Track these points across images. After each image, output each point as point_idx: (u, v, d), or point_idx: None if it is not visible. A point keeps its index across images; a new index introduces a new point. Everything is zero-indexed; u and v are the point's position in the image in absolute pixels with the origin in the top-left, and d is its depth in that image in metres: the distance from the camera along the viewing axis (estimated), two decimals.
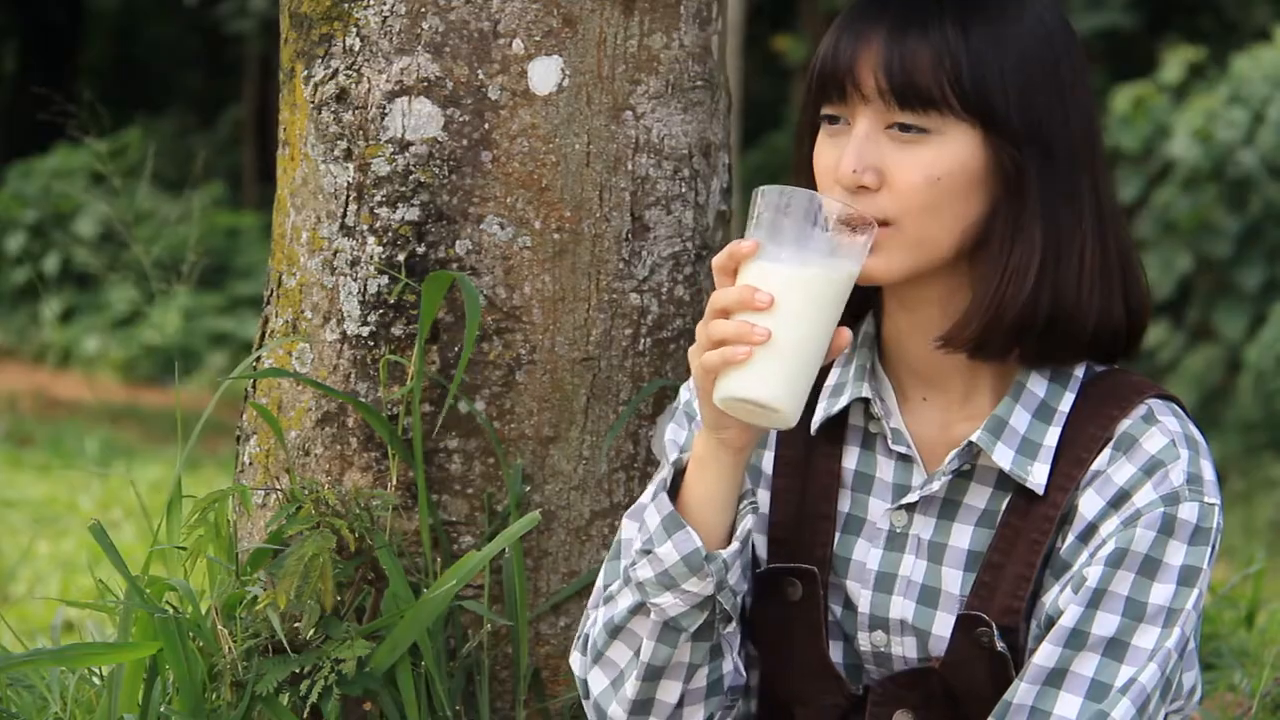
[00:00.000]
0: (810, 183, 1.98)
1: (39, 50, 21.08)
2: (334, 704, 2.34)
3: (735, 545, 1.95)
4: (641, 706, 2.01)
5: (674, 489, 1.98)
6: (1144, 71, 13.01)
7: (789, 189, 1.89)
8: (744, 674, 2.05)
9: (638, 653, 1.99)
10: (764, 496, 2.08)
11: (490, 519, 2.47)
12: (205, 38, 22.34)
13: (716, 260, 1.89)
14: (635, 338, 2.52)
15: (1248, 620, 3.73)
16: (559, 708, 2.51)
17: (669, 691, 2.00)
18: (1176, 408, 1.98)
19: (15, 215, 16.23)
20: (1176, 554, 1.90)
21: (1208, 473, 1.94)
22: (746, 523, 1.96)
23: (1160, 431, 1.94)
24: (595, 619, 2.02)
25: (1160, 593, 1.90)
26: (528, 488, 2.48)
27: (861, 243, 1.89)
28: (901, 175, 1.91)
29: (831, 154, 1.95)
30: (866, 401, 2.04)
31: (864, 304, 2.04)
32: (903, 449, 2.00)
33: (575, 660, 2.05)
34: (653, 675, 1.99)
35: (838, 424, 2.06)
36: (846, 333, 1.90)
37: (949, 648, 1.96)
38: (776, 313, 1.87)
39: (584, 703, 2.06)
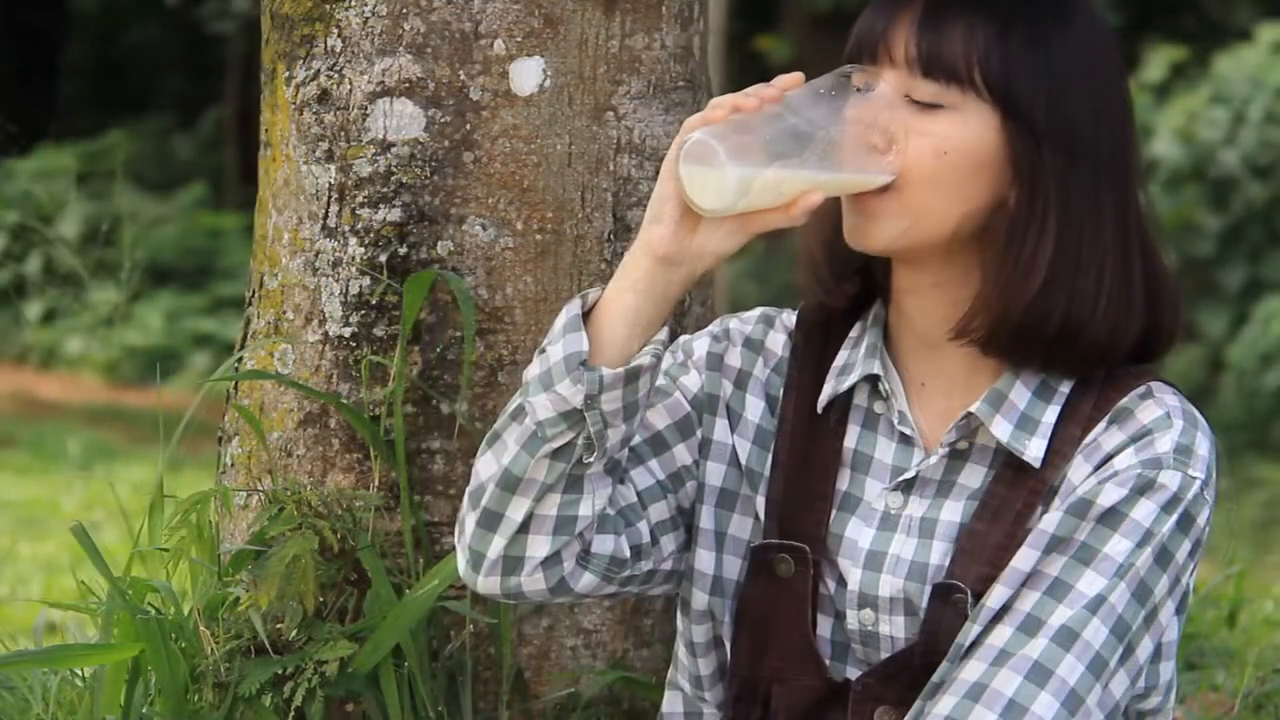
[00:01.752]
0: None
1: (21, 53, 21.04)
2: (317, 705, 2.34)
3: (620, 371, 1.90)
4: (489, 519, 1.96)
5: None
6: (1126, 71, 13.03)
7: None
8: (627, 552, 2.01)
9: (500, 459, 1.95)
10: (767, 467, 2.07)
11: None
12: (187, 38, 22.31)
13: (758, 86, 1.88)
14: None
15: (1230, 619, 3.73)
16: (542, 708, 2.51)
17: (517, 509, 1.95)
18: (1177, 391, 1.97)
19: None
20: (1143, 513, 1.87)
21: (1201, 448, 1.91)
22: (643, 360, 1.91)
23: (1156, 405, 1.93)
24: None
25: (1117, 545, 1.87)
26: None
27: (887, 162, 1.90)
28: (911, 142, 1.91)
29: None
30: (874, 381, 2.04)
31: (873, 291, 2.05)
32: (907, 430, 2.00)
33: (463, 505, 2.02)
34: (508, 485, 1.94)
35: (841, 404, 2.06)
36: (818, 198, 1.87)
37: (926, 617, 1.94)
38: (779, 106, 1.86)
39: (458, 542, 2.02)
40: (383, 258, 2.47)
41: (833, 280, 2.06)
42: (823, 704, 2.01)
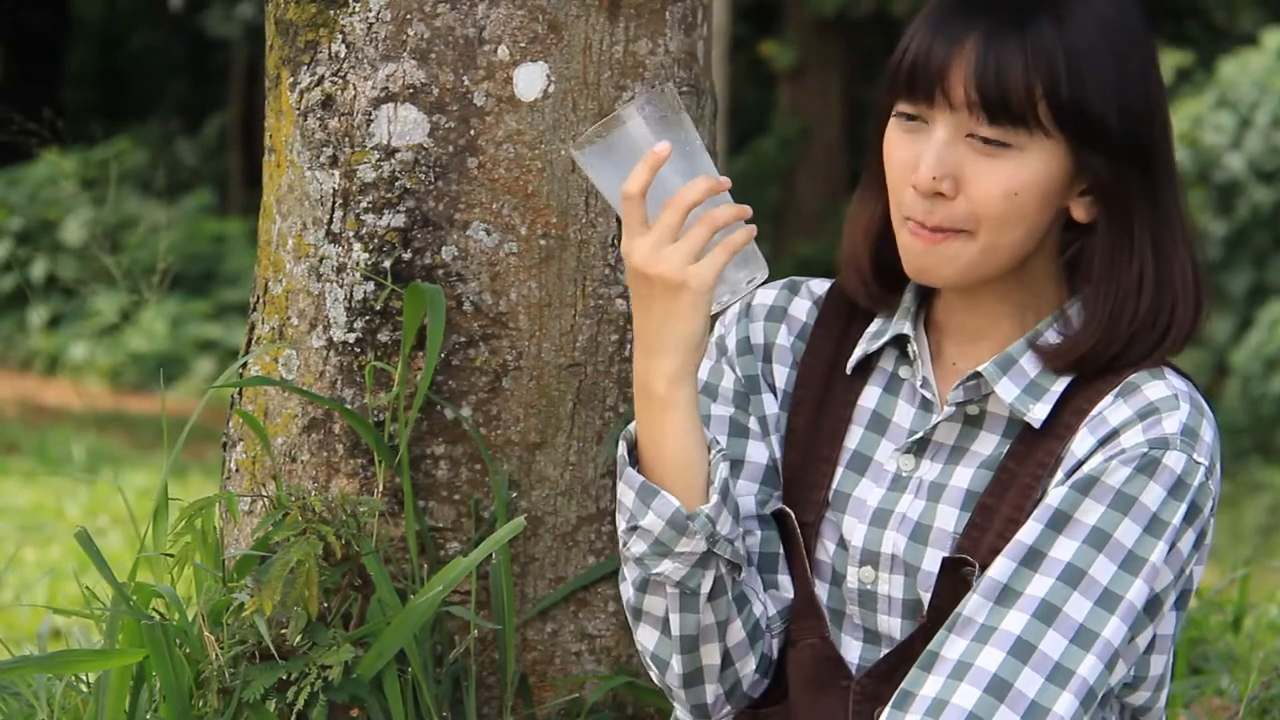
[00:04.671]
0: (881, 165, 1.98)
1: (25, 58, 21.07)
2: (321, 710, 2.34)
3: (715, 499, 1.94)
4: (693, 677, 2.01)
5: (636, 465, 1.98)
6: None
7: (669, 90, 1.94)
8: (772, 607, 2.06)
9: (667, 628, 1.98)
10: (777, 436, 2.09)
11: (477, 525, 2.48)
12: (191, 44, 22.33)
13: (638, 176, 1.89)
14: (621, 343, 2.52)
15: (1235, 624, 3.73)
16: (546, 713, 2.51)
17: (711, 655, 2.00)
18: (1186, 378, 1.96)
19: (1, 223, 16.22)
20: (1151, 497, 1.87)
21: (1206, 434, 1.90)
22: (721, 471, 1.95)
23: (1165, 385, 1.92)
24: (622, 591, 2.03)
25: (1128, 531, 1.86)
26: (514, 494, 2.48)
27: None
28: (980, 185, 1.90)
29: (907, 152, 1.93)
30: (902, 345, 2.04)
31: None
32: (929, 394, 2.00)
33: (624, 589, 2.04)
34: (690, 647, 1.99)
35: (864, 366, 2.06)
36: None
37: (935, 591, 1.94)
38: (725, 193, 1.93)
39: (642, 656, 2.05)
40: (386, 263, 2.47)
41: (880, 291, 2.06)
42: (824, 675, 2.02)
